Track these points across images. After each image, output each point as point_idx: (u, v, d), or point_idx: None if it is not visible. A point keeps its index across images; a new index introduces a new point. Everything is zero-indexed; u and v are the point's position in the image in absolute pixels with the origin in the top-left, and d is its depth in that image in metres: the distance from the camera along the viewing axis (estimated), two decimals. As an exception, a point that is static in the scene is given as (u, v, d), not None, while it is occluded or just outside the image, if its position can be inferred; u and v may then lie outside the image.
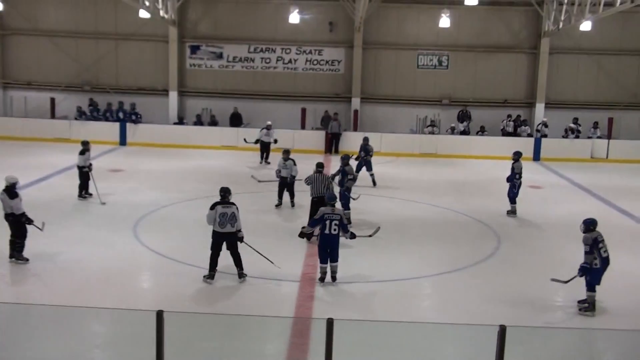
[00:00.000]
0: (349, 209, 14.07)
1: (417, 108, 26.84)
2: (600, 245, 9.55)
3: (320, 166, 13.53)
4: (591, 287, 9.56)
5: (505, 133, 25.86)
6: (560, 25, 23.85)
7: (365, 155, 18.78)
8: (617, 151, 24.57)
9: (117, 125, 25.08)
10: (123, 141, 24.99)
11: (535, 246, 13.27)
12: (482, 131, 25.85)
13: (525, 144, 24.93)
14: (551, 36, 25.65)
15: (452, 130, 25.62)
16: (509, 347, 6.09)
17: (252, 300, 9.91)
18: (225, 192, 10.33)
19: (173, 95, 26.80)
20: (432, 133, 25.56)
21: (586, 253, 9.52)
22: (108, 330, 8.57)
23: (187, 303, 9.39)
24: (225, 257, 10.48)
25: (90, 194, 15.39)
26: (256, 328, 8.45)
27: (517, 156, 15.65)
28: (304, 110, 26.10)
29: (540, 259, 12.35)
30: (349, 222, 13.82)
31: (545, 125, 25.63)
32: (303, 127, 25.98)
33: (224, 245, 10.22)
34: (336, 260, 10.48)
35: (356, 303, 9.94)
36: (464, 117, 26.10)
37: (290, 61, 27.00)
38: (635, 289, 10.79)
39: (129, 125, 25.09)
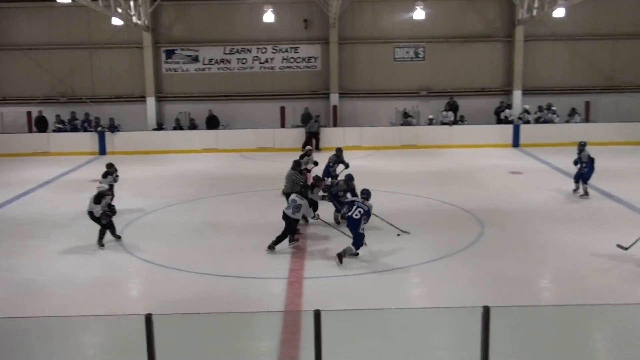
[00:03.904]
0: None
1: (395, 100, 26.96)
2: None
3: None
4: None
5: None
6: (534, 13, 24.04)
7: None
8: (595, 134, 24.54)
9: (95, 135, 24.92)
10: (103, 150, 24.83)
11: (518, 230, 13.35)
12: (461, 120, 25.99)
13: (502, 131, 25.21)
14: (525, 24, 25.86)
15: (431, 121, 25.70)
16: (496, 328, 6.14)
17: (243, 300, 9.89)
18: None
19: (150, 101, 26.68)
20: (410, 124, 25.62)
21: None
22: (98, 339, 8.46)
23: (176, 307, 9.31)
24: (220, 263, 10.40)
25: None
26: (248, 326, 8.43)
27: (582, 146, 16.42)
28: (283, 109, 26.12)
29: (523, 242, 12.49)
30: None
31: (527, 112, 25.82)
32: (283, 125, 26.00)
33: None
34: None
35: (346, 295, 9.92)
36: (452, 107, 26.17)
37: (266, 60, 26.98)
38: (615, 267, 10.90)
39: (107, 134, 24.93)
